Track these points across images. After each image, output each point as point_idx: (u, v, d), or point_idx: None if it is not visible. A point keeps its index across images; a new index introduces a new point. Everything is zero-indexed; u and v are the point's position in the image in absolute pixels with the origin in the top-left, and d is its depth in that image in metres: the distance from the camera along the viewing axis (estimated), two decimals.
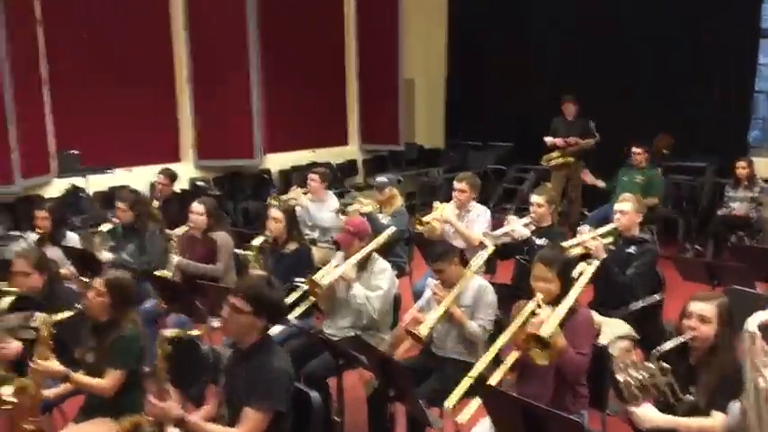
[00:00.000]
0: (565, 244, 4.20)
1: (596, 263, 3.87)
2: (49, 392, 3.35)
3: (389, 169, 10.65)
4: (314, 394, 2.85)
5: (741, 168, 7.26)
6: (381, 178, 5.96)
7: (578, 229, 4.66)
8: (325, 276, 4.16)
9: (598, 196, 7.82)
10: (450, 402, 3.20)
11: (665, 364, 2.71)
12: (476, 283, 3.80)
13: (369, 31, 10.75)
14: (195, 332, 3.01)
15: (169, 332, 2.88)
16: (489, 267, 4.96)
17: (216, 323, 4.69)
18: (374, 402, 3.67)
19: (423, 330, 3.62)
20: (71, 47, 8.04)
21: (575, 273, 3.50)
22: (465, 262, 3.98)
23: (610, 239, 4.40)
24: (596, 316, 3.72)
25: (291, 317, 4.10)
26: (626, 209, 4.42)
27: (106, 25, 8.34)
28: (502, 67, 10.43)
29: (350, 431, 3.58)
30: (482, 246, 4.76)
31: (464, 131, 11.34)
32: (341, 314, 4.18)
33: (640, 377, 2.69)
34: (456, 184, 5.33)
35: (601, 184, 7.46)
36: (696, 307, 2.79)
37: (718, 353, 2.75)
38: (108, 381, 3.20)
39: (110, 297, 3.28)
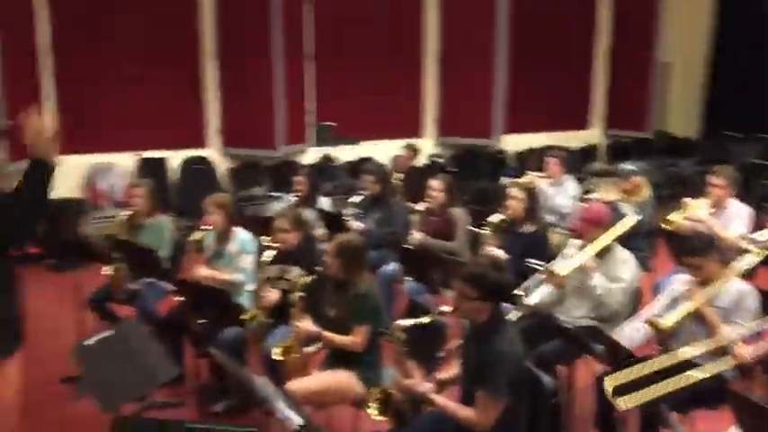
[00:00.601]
0: None
1: None
2: (308, 350, 3.68)
3: (633, 157, 10.05)
4: (546, 378, 2.82)
5: None
6: (628, 166, 5.64)
7: None
8: (564, 267, 4.06)
9: None
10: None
11: None
12: (737, 286, 3.46)
13: (625, 10, 10.18)
14: (426, 319, 3.07)
15: (403, 323, 2.96)
16: (747, 271, 4.48)
17: (449, 293, 4.87)
18: (605, 397, 3.52)
19: (666, 322, 3.39)
20: (331, 30, 8.67)
21: None
22: (721, 262, 3.63)
23: None
24: None
25: (526, 300, 4.05)
26: None
27: (360, 8, 8.84)
28: None
29: (576, 421, 3.48)
30: (741, 250, 4.30)
31: (725, 121, 10.29)
32: (574, 303, 4.05)
33: None
34: (712, 179, 4.88)
35: None
36: None
37: None
38: (356, 336, 3.45)
39: (339, 259, 3.51)
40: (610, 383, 2.99)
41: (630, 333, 3.58)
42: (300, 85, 8.43)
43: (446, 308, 2.97)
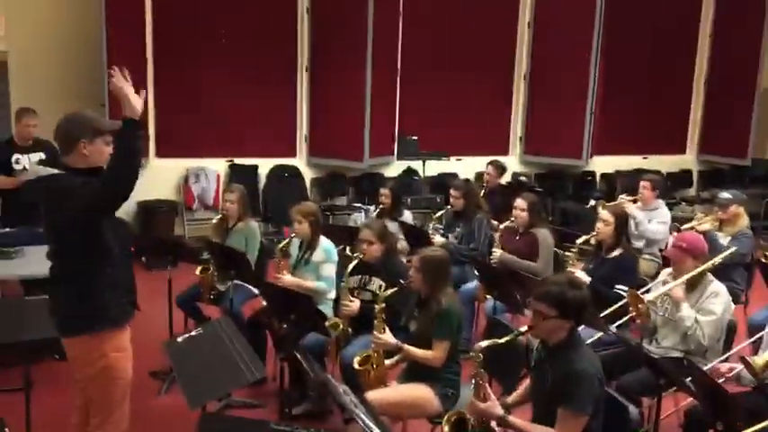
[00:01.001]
0: None
1: None
2: (388, 362, 3.69)
3: (728, 184, 9.62)
4: (632, 408, 2.74)
5: None
6: (725, 194, 5.40)
7: None
8: (650, 292, 3.94)
9: None
10: None
11: None
12: None
13: (727, 31, 9.81)
14: (504, 340, 3.01)
15: (484, 344, 2.90)
16: None
17: (529, 313, 4.80)
18: (691, 428, 3.40)
19: (759, 361, 3.23)
20: (420, 45, 8.75)
21: None
22: None
23: None
24: None
25: (611, 326, 3.95)
26: None
27: (452, 24, 8.87)
28: None
29: None
30: None
31: None
32: (662, 334, 3.92)
33: None
34: None
35: None
36: None
37: None
38: (436, 352, 3.45)
39: (423, 273, 3.51)
40: None
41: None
42: (388, 98, 8.53)
43: (524, 328, 2.94)
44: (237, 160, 8.28)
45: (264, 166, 8.40)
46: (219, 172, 8.19)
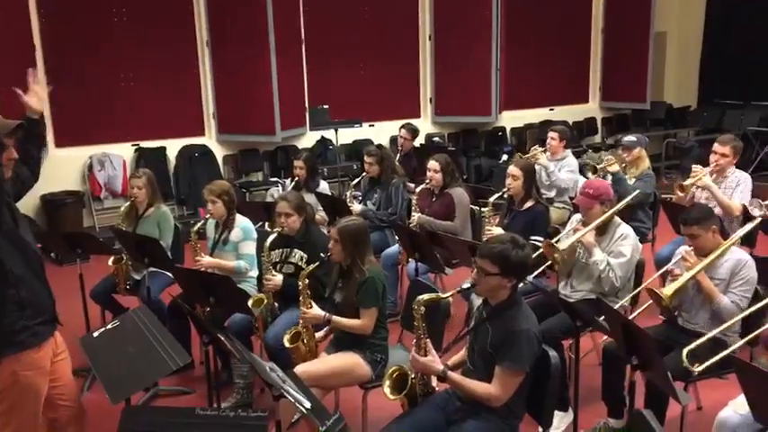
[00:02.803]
0: None
1: None
2: (319, 335, 3.71)
3: (632, 129, 10.08)
4: (552, 353, 2.83)
5: None
6: (629, 137, 5.62)
7: None
8: (562, 240, 4.07)
9: None
10: (701, 368, 2.99)
11: None
12: (735, 256, 3.48)
13: None
14: (448, 295, 3.08)
15: (426, 297, 2.97)
16: (749, 239, 4.50)
17: (450, 272, 4.89)
18: (610, 368, 3.57)
19: (666, 291, 3.41)
20: (324, 13, 8.64)
21: None
22: (721, 233, 3.65)
23: None
24: None
25: (529, 276, 4.06)
26: None
27: None
28: None
29: (583, 396, 3.50)
30: (742, 216, 4.32)
31: (721, 89, 10.25)
32: (578, 278, 4.07)
33: None
34: (718, 147, 4.87)
35: None
36: None
37: None
38: (364, 320, 3.47)
39: (342, 244, 3.52)
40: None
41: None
42: (295, 68, 8.39)
43: (467, 284, 2.97)
44: (144, 143, 8.00)
45: (173, 147, 8.15)
46: (125, 157, 7.88)
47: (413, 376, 3.00)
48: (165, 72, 7.96)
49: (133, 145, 7.95)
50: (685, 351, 3.19)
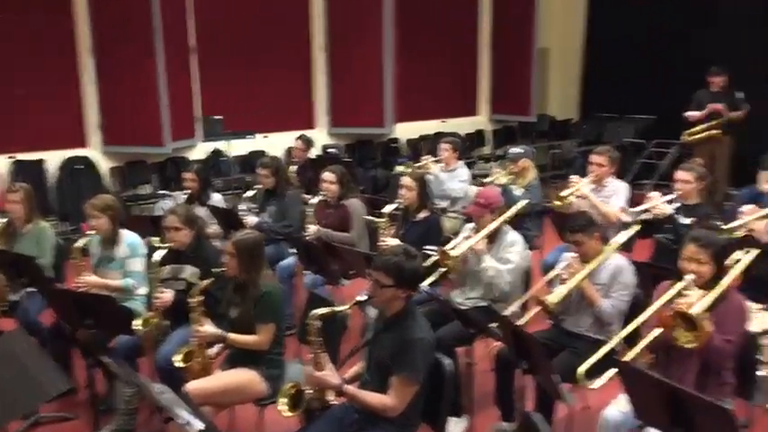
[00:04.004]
0: (729, 226, 3.95)
1: (754, 252, 3.53)
2: (212, 351, 3.59)
3: (519, 141, 10.47)
4: (447, 361, 2.88)
5: None
6: (516, 149, 5.84)
7: (740, 210, 4.34)
8: (455, 248, 4.17)
9: (747, 174, 7.29)
10: (583, 368, 3.12)
11: None
12: (614, 262, 3.67)
13: None
14: (344, 308, 3.06)
15: (321, 311, 2.95)
16: (626, 245, 4.76)
17: (347, 283, 4.88)
18: (503, 373, 3.67)
19: (552, 299, 3.56)
20: (216, 23, 8.46)
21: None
22: (602, 238, 3.85)
23: None
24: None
25: (422, 284, 4.12)
26: None
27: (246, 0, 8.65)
28: (645, 34, 9.87)
29: (477, 401, 3.59)
30: (620, 222, 4.58)
31: (600, 103, 10.87)
32: (470, 285, 4.18)
33: None
34: (594, 158, 5.13)
35: None
36: None
37: None
38: (261, 335, 3.40)
39: (237, 258, 3.44)
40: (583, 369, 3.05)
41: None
42: (185, 78, 8.16)
43: (363, 297, 2.98)
44: (20, 156, 7.51)
45: (52, 159, 7.71)
46: (0, 171, 7.39)
47: (309, 392, 2.97)
48: (42, 80, 7.52)
49: (9, 157, 7.46)
50: (581, 369, 3.26)
